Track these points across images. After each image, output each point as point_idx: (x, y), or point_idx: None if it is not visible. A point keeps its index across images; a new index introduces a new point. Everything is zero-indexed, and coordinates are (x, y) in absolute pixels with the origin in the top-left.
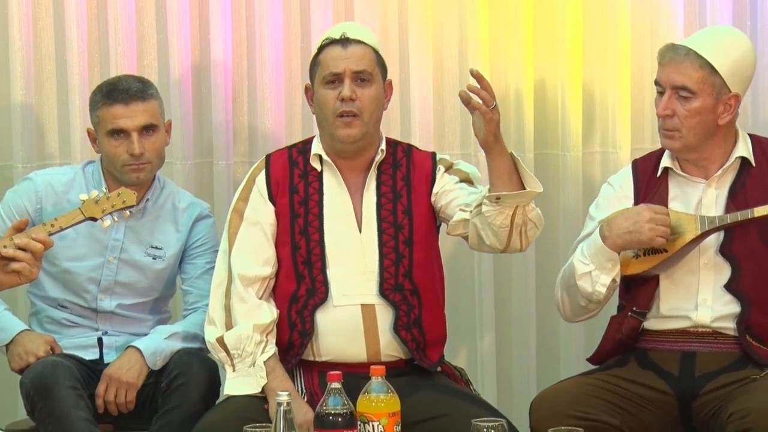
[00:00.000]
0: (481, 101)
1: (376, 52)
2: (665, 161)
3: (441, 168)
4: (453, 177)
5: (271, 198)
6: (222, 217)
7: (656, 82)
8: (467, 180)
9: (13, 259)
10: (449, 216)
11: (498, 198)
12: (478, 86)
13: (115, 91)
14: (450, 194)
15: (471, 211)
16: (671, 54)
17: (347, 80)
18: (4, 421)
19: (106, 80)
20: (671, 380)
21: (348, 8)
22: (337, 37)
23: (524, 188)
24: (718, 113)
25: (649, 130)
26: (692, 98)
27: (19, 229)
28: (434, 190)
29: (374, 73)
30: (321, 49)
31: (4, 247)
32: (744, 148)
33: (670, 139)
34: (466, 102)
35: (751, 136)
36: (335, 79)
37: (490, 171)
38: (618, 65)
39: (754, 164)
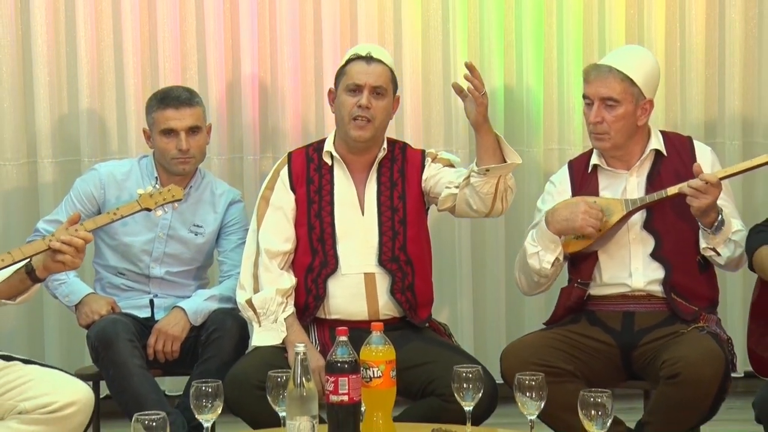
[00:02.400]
0: (474, 88)
1: (391, 71)
2: (594, 159)
3: (428, 159)
4: (438, 165)
5: (292, 188)
6: (250, 201)
7: (585, 96)
8: (449, 165)
9: (60, 252)
10: (438, 194)
11: (487, 170)
12: (471, 77)
13: (168, 98)
14: (437, 176)
15: (457, 186)
16: (596, 72)
17: (366, 92)
18: (73, 367)
19: (160, 89)
20: (615, 335)
21: (353, 30)
22: (364, 54)
23: (506, 161)
24: (637, 116)
25: None
26: (617, 106)
27: (73, 221)
28: (424, 177)
29: (388, 89)
30: (348, 61)
31: (53, 240)
32: (657, 142)
33: (600, 141)
34: (459, 91)
35: (662, 131)
36: (356, 89)
37: (479, 147)
38: (571, 75)
39: (665, 154)
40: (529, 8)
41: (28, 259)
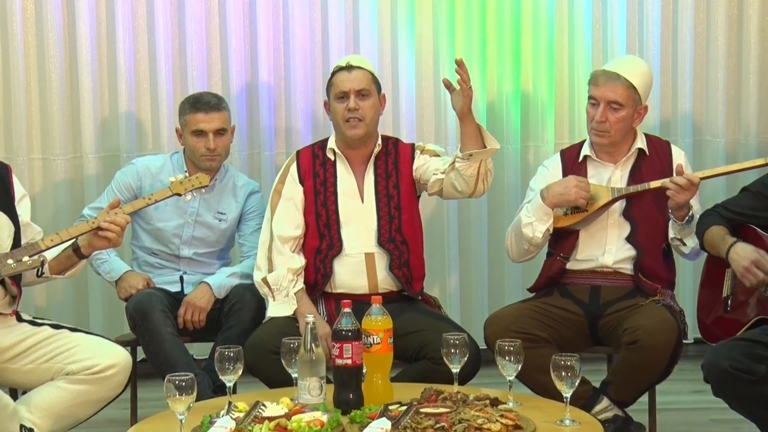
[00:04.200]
0: (462, 81)
1: (372, 74)
2: (585, 150)
3: (417, 151)
4: (426, 156)
5: (301, 181)
6: (267, 191)
7: (591, 97)
8: (435, 155)
9: (106, 230)
10: (427, 180)
11: (470, 155)
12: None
13: (200, 103)
14: (425, 165)
15: (443, 172)
16: (605, 78)
17: (352, 96)
18: (114, 334)
19: (192, 94)
20: (583, 306)
21: (356, 42)
22: (344, 65)
23: (486, 147)
24: (634, 119)
25: (566, 129)
26: (621, 109)
27: (114, 206)
28: (414, 167)
29: (371, 89)
30: (333, 74)
31: (100, 220)
32: (641, 142)
33: (601, 137)
34: (448, 85)
35: (645, 134)
36: (344, 96)
37: (463, 135)
38: (543, 81)
39: (648, 153)
40: (503, 20)
41: (75, 239)
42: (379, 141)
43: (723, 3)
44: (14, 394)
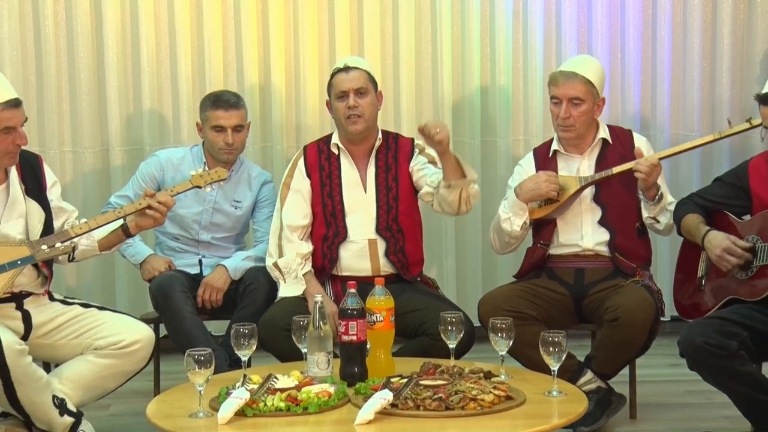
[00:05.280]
0: (432, 135)
1: (368, 73)
2: (554, 146)
3: (417, 150)
4: (423, 159)
5: (308, 175)
6: (279, 181)
7: (554, 97)
8: (432, 161)
9: (155, 210)
10: (420, 186)
11: (449, 185)
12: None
13: (219, 101)
14: (421, 171)
15: (435, 187)
16: (563, 78)
17: (351, 94)
18: (138, 312)
19: (213, 92)
20: (569, 287)
21: (360, 45)
22: (342, 66)
23: (465, 176)
24: (594, 111)
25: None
26: (582, 104)
27: (149, 194)
28: (411, 164)
29: (368, 87)
30: (332, 75)
31: (150, 200)
32: (604, 132)
33: (567, 132)
34: (422, 133)
35: (608, 125)
36: (343, 95)
37: (443, 168)
38: (535, 81)
39: (611, 142)
40: (502, 26)
41: (123, 220)
42: (380, 135)
43: (698, 9)
44: (47, 367)
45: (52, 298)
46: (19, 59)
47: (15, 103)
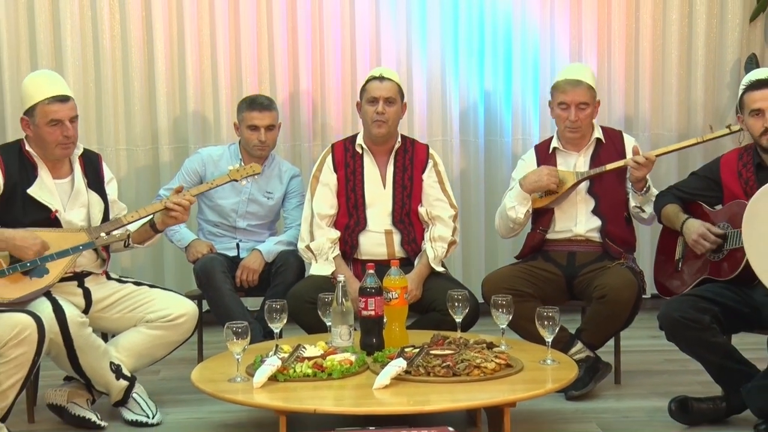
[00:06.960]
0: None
1: (398, 86)
2: (554, 143)
3: (431, 162)
4: (435, 176)
5: (335, 170)
6: (306, 175)
7: (562, 102)
8: (441, 182)
9: (172, 210)
10: (423, 214)
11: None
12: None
13: (254, 103)
14: (427, 190)
15: (428, 237)
16: (571, 85)
17: (381, 102)
18: (184, 289)
19: (249, 95)
20: (562, 268)
21: (378, 56)
22: (377, 75)
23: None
24: (593, 114)
25: (548, 125)
26: (587, 108)
27: (178, 191)
28: (425, 175)
29: (397, 98)
30: (367, 81)
31: (168, 201)
32: (598, 133)
33: (575, 133)
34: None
35: (601, 126)
36: (374, 101)
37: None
38: (529, 87)
39: (604, 142)
40: (501, 40)
41: (152, 216)
42: (399, 139)
43: (676, 24)
44: (105, 337)
45: (109, 278)
46: (81, 69)
47: (62, 99)
